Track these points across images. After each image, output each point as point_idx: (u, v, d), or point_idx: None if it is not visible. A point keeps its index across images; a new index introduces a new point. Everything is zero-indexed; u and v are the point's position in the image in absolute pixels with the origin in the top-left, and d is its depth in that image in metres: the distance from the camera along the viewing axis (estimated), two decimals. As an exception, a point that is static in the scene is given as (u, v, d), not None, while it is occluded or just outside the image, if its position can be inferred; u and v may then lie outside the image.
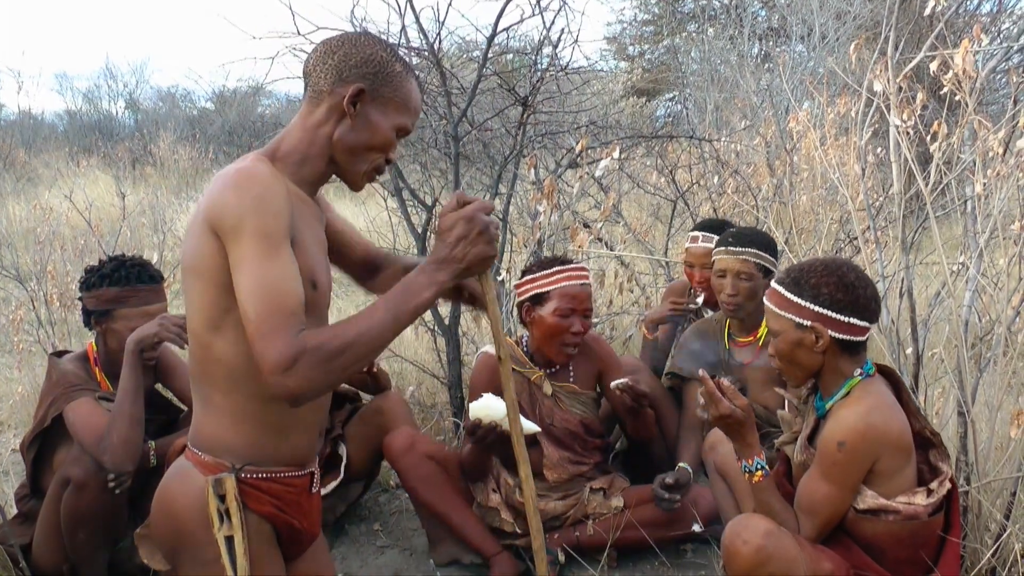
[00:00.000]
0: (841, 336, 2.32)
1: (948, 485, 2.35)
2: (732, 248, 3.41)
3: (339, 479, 3.51)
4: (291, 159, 1.87)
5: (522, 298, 3.30)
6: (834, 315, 2.30)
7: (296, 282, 1.69)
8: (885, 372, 2.46)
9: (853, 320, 2.31)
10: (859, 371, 2.36)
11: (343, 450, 3.56)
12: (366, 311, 1.71)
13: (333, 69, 1.84)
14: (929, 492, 2.31)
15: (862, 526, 2.30)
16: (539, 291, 3.25)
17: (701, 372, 2.55)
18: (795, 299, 2.33)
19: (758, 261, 3.37)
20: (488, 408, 2.96)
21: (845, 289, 2.31)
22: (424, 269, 1.77)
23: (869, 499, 2.28)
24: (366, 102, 1.85)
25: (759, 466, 2.46)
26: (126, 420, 2.82)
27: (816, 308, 2.31)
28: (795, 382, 2.48)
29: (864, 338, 2.36)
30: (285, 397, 1.63)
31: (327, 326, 1.69)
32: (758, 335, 3.47)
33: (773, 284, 2.41)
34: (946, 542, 2.35)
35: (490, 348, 3.39)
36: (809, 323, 2.31)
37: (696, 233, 4.03)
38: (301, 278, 1.71)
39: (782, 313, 2.36)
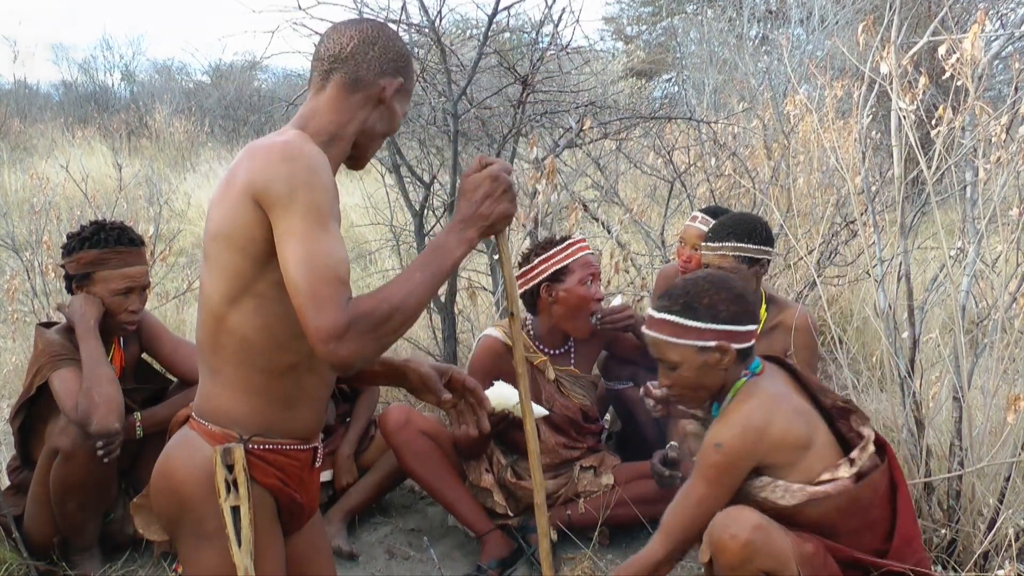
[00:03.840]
0: (742, 346, 2.33)
1: (871, 448, 2.34)
2: (711, 243, 3.37)
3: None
4: (320, 138, 1.88)
5: (539, 280, 3.28)
6: (736, 328, 2.31)
7: (344, 253, 1.72)
8: (776, 362, 2.48)
9: (750, 327, 2.33)
10: (745, 372, 2.38)
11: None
12: (403, 276, 1.76)
13: (375, 61, 1.91)
14: (852, 462, 2.30)
15: (804, 513, 2.27)
16: (558, 267, 3.25)
17: (647, 384, 2.69)
18: (693, 323, 2.30)
19: (736, 254, 3.30)
20: (501, 396, 2.95)
21: (737, 300, 2.32)
22: (452, 228, 1.86)
23: (797, 493, 2.26)
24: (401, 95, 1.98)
25: None
26: (103, 380, 2.84)
27: (718, 327, 2.29)
28: (697, 404, 2.49)
29: (754, 341, 2.38)
30: (337, 365, 1.68)
31: (370, 292, 1.72)
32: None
33: (660, 314, 2.35)
34: (897, 497, 2.34)
35: (492, 331, 3.35)
36: (713, 343, 2.30)
37: (697, 213, 4.03)
38: None
39: (680, 341, 2.32)
